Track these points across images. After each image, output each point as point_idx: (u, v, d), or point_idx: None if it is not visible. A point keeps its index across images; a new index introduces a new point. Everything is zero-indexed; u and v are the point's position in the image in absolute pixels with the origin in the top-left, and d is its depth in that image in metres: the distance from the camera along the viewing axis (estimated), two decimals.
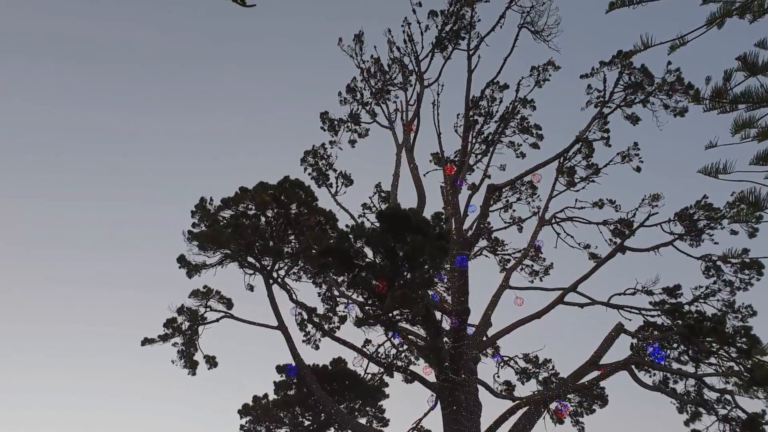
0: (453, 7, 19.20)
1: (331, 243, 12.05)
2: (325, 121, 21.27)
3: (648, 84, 17.55)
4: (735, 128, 6.30)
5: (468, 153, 19.04)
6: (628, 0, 6.43)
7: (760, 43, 6.15)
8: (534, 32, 17.97)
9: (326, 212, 16.40)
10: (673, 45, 6.68)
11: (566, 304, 17.10)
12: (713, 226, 16.46)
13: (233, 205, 16.19)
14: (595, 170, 19.08)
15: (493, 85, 19.57)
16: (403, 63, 20.73)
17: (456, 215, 17.81)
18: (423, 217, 12.69)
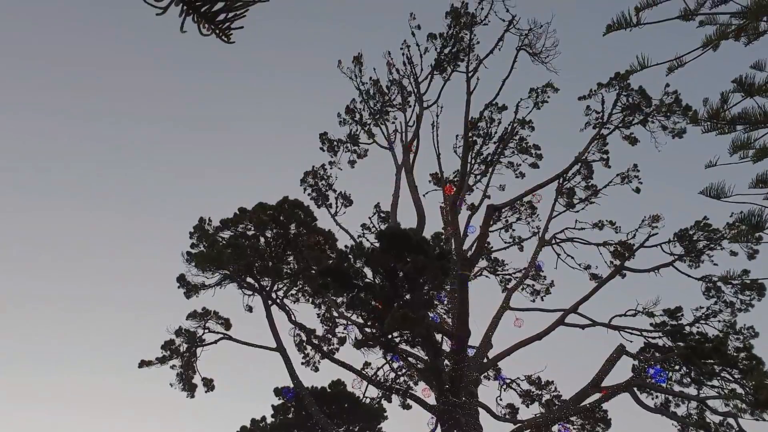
0: (452, 30, 19.41)
1: (331, 263, 12.03)
2: (324, 141, 21.35)
3: (646, 105, 17.68)
4: (733, 149, 6.33)
5: (467, 173, 19.10)
6: (625, 22, 6.49)
7: (756, 65, 6.20)
8: (532, 54, 18.15)
9: (325, 232, 16.39)
10: (671, 66, 6.74)
11: (567, 325, 17.01)
12: (713, 247, 16.45)
13: (232, 226, 16.18)
14: (594, 191, 19.11)
15: (492, 106, 19.70)
16: (403, 85, 20.90)
17: (456, 235, 17.80)
18: (423, 237, 12.70)
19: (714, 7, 6.52)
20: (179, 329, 16.47)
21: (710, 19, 6.40)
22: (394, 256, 11.19)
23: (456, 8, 19.24)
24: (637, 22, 6.44)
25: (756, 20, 6.17)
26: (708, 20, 6.53)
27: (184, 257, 16.14)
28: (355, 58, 21.20)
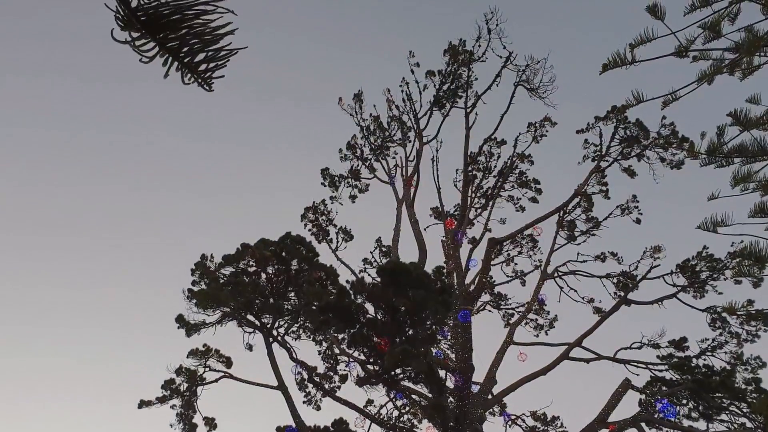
0: (450, 67, 19.75)
1: (332, 299, 11.96)
2: (325, 177, 21.50)
3: (644, 138, 17.84)
4: (734, 182, 6.36)
5: (468, 207, 19.15)
6: (621, 61, 6.61)
7: (752, 98, 6.29)
8: (530, 90, 18.42)
9: (327, 268, 16.32)
10: (666, 101, 6.83)
11: (572, 359, 16.81)
12: (716, 278, 16.37)
13: (234, 262, 16.12)
14: (595, 224, 19.13)
15: (491, 140, 19.89)
16: (402, 121, 21.14)
17: (457, 269, 17.73)
18: (424, 271, 12.65)
19: (707, 42, 6.65)
20: (180, 368, 16.28)
21: (703, 54, 6.52)
22: (396, 291, 11.14)
23: (454, 46, 19.62)
24: (632, 60, 6.56)
25: (750, 55, 6.28)
26: (701, 56, 6.65)
27: (185, 294, 16.06)
28: (356, 95, 21.53)
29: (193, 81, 1.54)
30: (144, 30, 1.44)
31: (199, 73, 1.54)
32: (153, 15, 1.43)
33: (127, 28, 1.44)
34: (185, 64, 1.52)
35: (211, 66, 1.53)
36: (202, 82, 1.56)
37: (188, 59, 1.51)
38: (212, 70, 1.54)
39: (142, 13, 1.43)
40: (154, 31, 1.44)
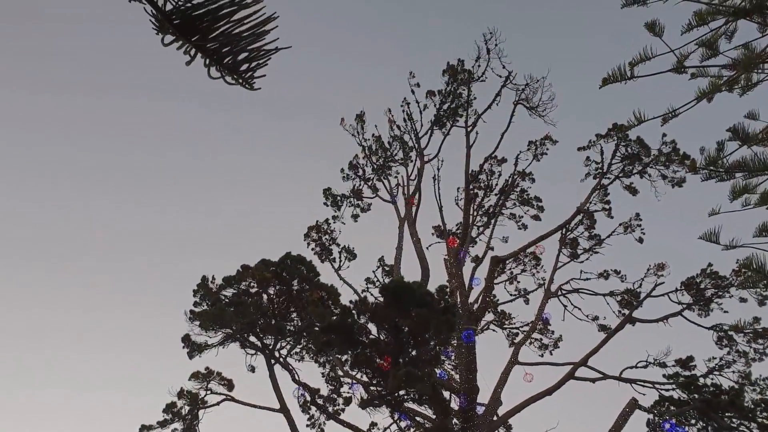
0: (450, 87, 19.88)
1: (334, 319, 11.88)
2: (328, 196, 21.53)
3: (645, 155, 17.86)
4: (733, 196, 6.34)
5: (470, 225, 19.12)
6: (620, 76, 6.63)
7: (750, 114, 6.29)
8: (529, 108, 18.50)
9: (329, 287, 16.26)
10: (665, 118, 6.84)
11: (577, 379, 16.62)
12: (721, 295, 16.24)
13: (235, 284, 16.09)
14: (597, 241, 19.06)
15: (492, 159, 19.93)
16: (404, 140, 21.23)
17: (461, 288, 17.64)
18: (427, 290, 12.57)
19: (705, 59, 6.68)
20: (181, 391, 16.14)
21: (702, 71, 6.55)
22: (399, 311, 11.07)
23: (453, 66, 19.78)
24: (632, 76, 6.59)
25: (748, 72, 6.30)
26: (700, 72, 6.68)
27: (187, 316, 16.01)
28: (358, 116, 21.64)
29: (235, 82, 1.55)
30: (179, 33, 1.45)
31: (241, 74, 1.54)
32: (186, 18, 1.44)
33: (162, 32, 1.45)
34: (225, 65, 1.52)
35: (253, 66, 1.54)
36: (243, 82, 1.56)
37: (228, 60, 1.51)
38: (254, 69, 1.54)
39: (176, 17, 1.44)
40: (190, 33, 1.45)
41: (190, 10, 1.44)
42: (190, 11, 1.44)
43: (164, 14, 1.43)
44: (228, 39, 1.50)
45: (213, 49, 1.50)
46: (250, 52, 1.52)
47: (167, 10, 1.43)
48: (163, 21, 1.44)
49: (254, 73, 1.57)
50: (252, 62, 1.55)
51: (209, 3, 1.44)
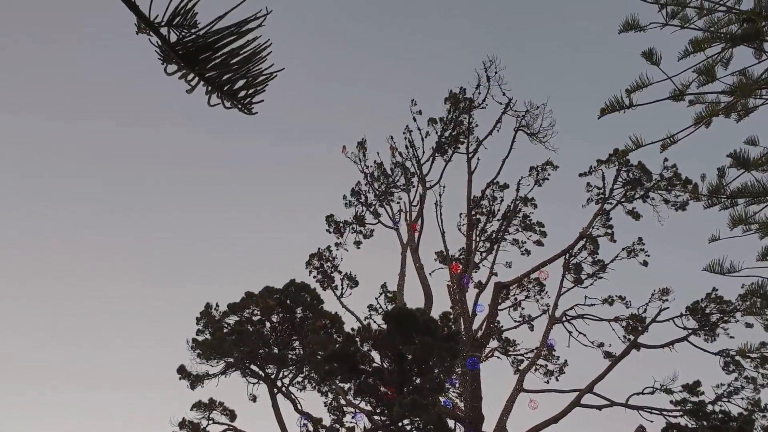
0: (451, 114, 20.07)
1: (337, 347, 11.80)
2: (330, 223, 21.58)
3: (646, 180, 17.90)
4: (732, 223, 6.34)
5: (473, 251, 19.10)
6: (618, 105, 6.70)
7: (750, 140, 6.33)
8: (530, 134, 18.63)
9: (332, 315, 16.19)
10: (664, 144, 6.89)
11: (583, 406, 16.41)
12: (727, 320, 16.11)
13: (238, 311, 16.04)
14: (601, 266, 18.99)
15: (494, 185, 20.01)
16: (406, 167, 21.34)
17: (464, 315, 17.55)
18: (431, 317, 12.52)
19: (702, 86, 6.75)
20: (183, 421, 15.96)
21: (699, 98, 6.61)
22: (402, 339, 11.00)
23: (454, 94, 20.00)
24: (630, 105, 6.65)
25: (745, 98, 6.36)
26: (697, 99, 6.74)
27: (189, 344, 15.92)
28: (359, 143, 21.81)
29: (233, 107, 1.60)
30: (183, 62, 1.50)
31: (239, 99, 1.59)
32: (191, 48, 1.49)
33: (167, 61, 1.51)
34: (225, 91, 1.58)
35: (251, 92, 1.58)
36: (242, 108, 1.61)
37: (227, 87, 1.57)
38: (252, 95, 1.59)
39: (181, 48, 1.49)
40: (192, 62, 1.51)
41: (194, 41, 1.50)
42: (195, 41, 1.50)
43: (170, 45, 1.49)
44: (228, 66, 1.55)
45: (213, 77, 1.54)
46: (249, 78, 1.57)
47: (173, 41, 1.49)
48: (168, 51, 1.49)
49: (252, 99, 1.63)
50: (250, 88, 1.59)
51: (213, 33, 1.50)
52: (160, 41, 1.49)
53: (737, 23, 6.78)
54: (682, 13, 6.46)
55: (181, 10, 1.47)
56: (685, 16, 6.48)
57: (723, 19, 6.46)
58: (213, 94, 1.57)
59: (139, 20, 1.47)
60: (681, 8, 6.33)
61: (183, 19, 1.48)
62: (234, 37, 1.51)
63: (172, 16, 1.47)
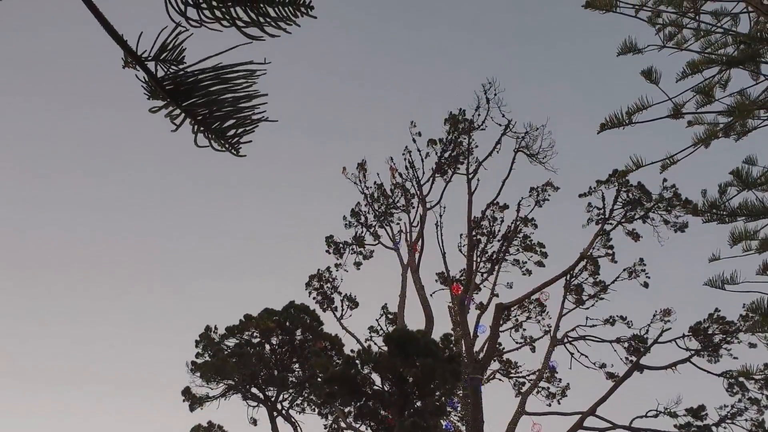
0: (451, 135, 20.18)
1: (337, 370, 11.71)
2: (330, 244, 21.54)
3: (646, 200, 17.93)
4: (733, 240, 6.35)
5: (474, 272, 19.04)
6: (618, 122, 6.76)
7: (749, 160, 6.37)
8: (529, 155, 18.72)
9: (332, 337, 16.11)
10: (664, 164, 6.93)
11: (586, 429, 16.21)
12: (729, 340, 16.01)
13: (238, 333, 15.95)
14: (602, 287, 18.91)
15: (494, 205, 20.03)
16: (406, 188, 21.38)
17: (466, 336, 17.43)
18: (432, 339, 12.45)
19: (701, 106, 6.81)
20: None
21: (698, 118, 6.67)
22: (403, 361, 10.91)
23: (454, 115, 20.13)
24: (629, 122, 6.71)
25: (743, 119, 6.41)
26: (696, 119, 6.80)
27: (188, 367, 15.80)
28: (360, 164, 21.87)
29: (221, 147, 1.59)
30: (170, 99, 1.49)
31: (227, 139, 1.58)
32: (178, 84, 1.48)
33: (153, 97, 1.50)
34: (213, 130, 1.56)
35: (239, 132, 1.57)
36: (230, 148, 1.60)
37: (216, 126, 1.55)
38: (240, 135, 1.58)
39: (169, 83, 1.48)
40: (179, 98, 1.50)
41: (183, 77, 1.48)
42: (183, 77, 1.48)
43: (156, 80, 1.47)
44: (217, 105, 1.53)
45: (201, 115, 1.53)
46: (237, 119, 1.55)
47: (160, 76, 1.47)
48: (155, 86, 1.48)
49: (240, 140, 1.60)
50: (239, 128, 1.57)
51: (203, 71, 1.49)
52: (146, 76, 1.46)
53: (734, 45, 6.87)
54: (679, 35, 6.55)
55: (169, 45, 1.45)
56: (682, 39, 6.57)
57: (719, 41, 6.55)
58: (200, 133, 1.56)
59: (126, 54, 1.45)
60: (678, 30, 6.42)
61: (171, 54, 1.46)
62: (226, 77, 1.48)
63: (159, 50, 1.45)
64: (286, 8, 1.46)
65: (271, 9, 1.46)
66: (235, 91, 1.51)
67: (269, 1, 1.44)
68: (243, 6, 1.44)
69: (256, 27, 1.47)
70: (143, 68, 1.46)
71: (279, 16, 1.47)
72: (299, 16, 1.47)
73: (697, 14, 6.57)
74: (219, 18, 1.44)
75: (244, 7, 1.44)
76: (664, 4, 6.53)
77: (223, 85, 1.50)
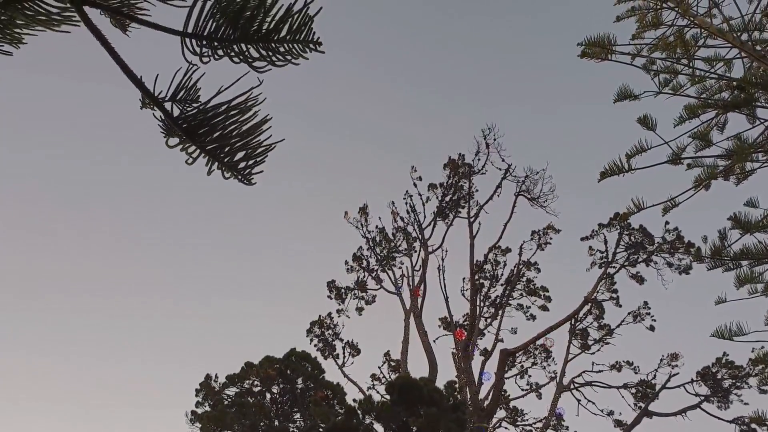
0: (451, 179, 20.32)
1: (339, 420, 11.43)
2: (332, 289, 21.41)
3: (649, 243, 17.89)
4: (739, 283, 6.30)
5: (477, 317, 18.83)
6: (618, 169, 6.80)
7: (750, 202, 6.37)
8: (530, 199, 18.79)
9: (333, 385, 15.79)
10: (666, 207, 6.93)
11: None
12: (740, 386, 15.68)
13: (239, 382, 15.67)
14: (608, 331, 18.68)
15: (496, 249, 19.98)
16: (407, 231, 21.41)
17: (470, 383, 17.10)
18: (436, 387, 12.19)
19: (699, 150, 6.87)
20: None
21: (697, 162, 6.71)
22: (406, 410, 10.67)
23: (453, 160, 20.32)
24: (629, 169, 6.75)
25: (741, 162, 6.45)
26: (695, 163, 6.84)
27: (188, 417, 15.47)
28: (361, 208, 21.97)
29: (232, 176, 1.62)
30: (185, 136, 1.54)
31: (239, 170, 1.62)
32: (193, 122, 1.53)
33: (170, 135, 1.55)
34: (225, 163, 1.61)
35: (251, 163, 1.61)
36: (242, 179, 1.62)
37: (227, 158, 1.60)
38: (251, 166, 1.62)
39: (183, 121, 1.53)
40: (194, 135, 1.55)
41: (196, 115, 1.53)
42: (196, 115, 1.53)
43: (173, 119, 1.53)
44: (228, 139, 1.58)
45: (214, 149, 1.57)
46: (248, 149, 1.59)
47: (175, 115, 1.53)
48: (171, 125, 1.53)
49: (252, 170, 1.65)
50: (250, 159, 1.60)
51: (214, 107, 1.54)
52: (163, 115, 1.52)
53: (728, 90, 6.97)
54: (675, 81, 6.66)
55: (184, 85, 1.51)
56: (677, 84, 6.68)
57: (715, 86, 6.65)
58: (213, 165, 1.60)
59: (143, 96, 1.51)
60: (673, 76, 6.53)
61: (186, 94, 1.53)
62: (235, 111, 1.54)
63: (175, 91, 1.51)
64: (296, 45, 1.52)
65: (281, 46, 1.51)
66: (245, 122, 1.56)
67: (280, 39, 1.50)
68: (255, 44, 1.50)
69: (267, 62, 1.53)
70: (160, 108, 1.52)
71: (289, 52, 1.53)
72: (309, 51, 1.53)
73: (691, 60, 6.69)
74: (232, 56, 1.50)
75: (255, 45, 1.50)
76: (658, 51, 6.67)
77: (234, 118, 1.55)
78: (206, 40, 1.47)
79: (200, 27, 1.45)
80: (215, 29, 1.46)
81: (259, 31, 1.47)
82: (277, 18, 1.45)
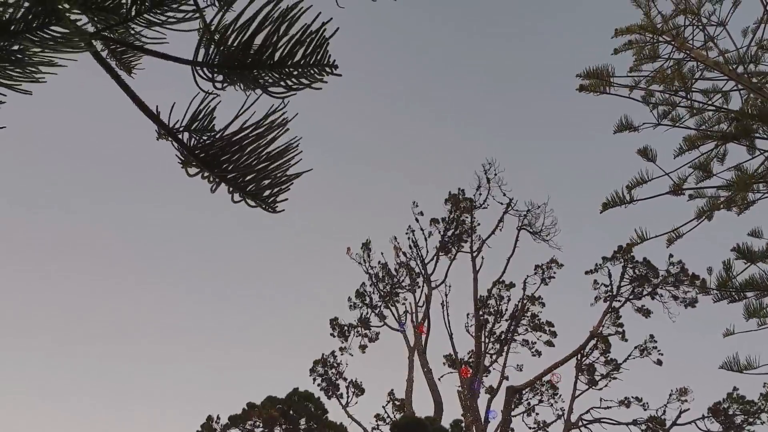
0: (453, 214, 20.34)
1: None
2: (335, 327, 21.19)
3: (653, 276, 17.76)
4: (747, 315, 6.22)
5: (482, 353, 18.58)
6: (620, 200, 6.81)
7: (753, 232, 6.35)
8: (532, 233, 18.76)
9: (337, 426, 15.48)
10: (670, 238, 6.92)
11: None
12: (752, 422, 15.33)
13: (241, 423, 15.37)
14: (615, 366, 18.39)
15: (500, 284, 19.84)
16: (410, 266, 21.30)
17: (476, 422, 16.74)
18: (441, 426, 11.96)
19: (700, 181, 6.88)
20: None
21: (698, 192, 6.72)
22: None
23: (455, 195, 20.38)
24: (630, 200, 6.76)
25: (742, 192, 6.46)
26: (697, 194, 6.85)
27: None
28: (364, 244, 21.94)
29: (257, 206, 1.59)
30: (203, 166, 1.51)
31: (264, 199, 1.58)
32: (209, 151, 1.51)
33: (186, 165, 1.52)
34: (247, 192, 1.56)
35: (275, 191, 1.58)
36: (266, 207, 1.59)
37: (251, 187, 1.56)
38: (276, 194, 1.58)
39: (200, 151, 1.51)
40: (212, 165, 1.52)
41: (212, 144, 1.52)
42: (213, 144, 1.52)
43: (189, 149, 1.51)
44: (250, 168, 1.55)
45: (234, 177, 1.55)
46: (273, 178, 1.57)
47: (191, 145, 1.51)
48: (188, 155, 1.51)
49: (277, 198, 1.61)
50: (275, 188, 1.58)
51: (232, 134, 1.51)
52: (179, 146, 1.51)
53: (727, 122, 7.03)
54: (674, 112, 6.73)
55: (199, 114, 1.50)
56: (676, 116, 6.74)
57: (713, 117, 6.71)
58: (235, 194, 1.57)
59: (159, 128, 1.49)
60: (672, 108, 6.60)
61: (201, 123, 1.51)
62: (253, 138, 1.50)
63: (190, 120, 1.49)
64: (312, 69, 1.50)
65: (296, 70, 1.49)
66: (265, 148, 1.52)
67: (295, 64, 1.48)
68: (270, 71, 1.48)
69: (284, 88, 1.50)
70: (176, 139, 1.50)
71: (304, 75, 1.51)
72: (325, 75, 1.51)
73: (689, 92, 6.77)
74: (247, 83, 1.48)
75: (270, 72, 1.48)
76: (656, 83, 6.76)
77: (254, 144, 1.51)
78: (218, 68, 1.46)
79: (211, 56, 1.44)
80: (227, 57, 1.44)
81: (272, 56, 1.45)
82: (292, 42, 1.43)
